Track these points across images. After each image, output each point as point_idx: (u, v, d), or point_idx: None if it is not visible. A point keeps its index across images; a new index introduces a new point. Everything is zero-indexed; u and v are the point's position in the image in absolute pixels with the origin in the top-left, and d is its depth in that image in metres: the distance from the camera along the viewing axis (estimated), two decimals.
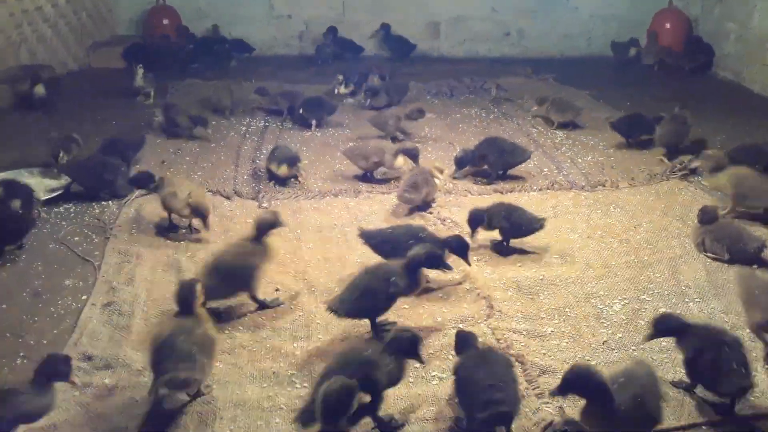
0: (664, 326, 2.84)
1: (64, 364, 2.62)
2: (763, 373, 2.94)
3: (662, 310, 3.40)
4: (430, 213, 4.47)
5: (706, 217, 3.97)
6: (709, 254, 3.89)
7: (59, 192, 4.69)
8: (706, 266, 3.80)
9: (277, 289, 3.61)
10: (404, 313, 3.40)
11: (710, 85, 7.87)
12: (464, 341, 2.78)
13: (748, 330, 3.13)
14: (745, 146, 5.02)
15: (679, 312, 3.36)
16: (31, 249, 4.04)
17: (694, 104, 6.81)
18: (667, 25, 8.60)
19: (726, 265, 3.79)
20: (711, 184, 4.61)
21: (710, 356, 2.68)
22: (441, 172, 4.71)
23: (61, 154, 5.02)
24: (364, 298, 3.07)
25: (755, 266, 3.76)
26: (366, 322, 3.20)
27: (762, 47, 7.33)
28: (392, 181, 4.93)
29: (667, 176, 5.03)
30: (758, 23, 7.47)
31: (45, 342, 3.19)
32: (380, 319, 3.20)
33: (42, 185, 4.84)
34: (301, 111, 6.19)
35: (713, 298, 3.52)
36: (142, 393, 2.82)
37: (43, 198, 4.60)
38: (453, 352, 3.05)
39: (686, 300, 3.50)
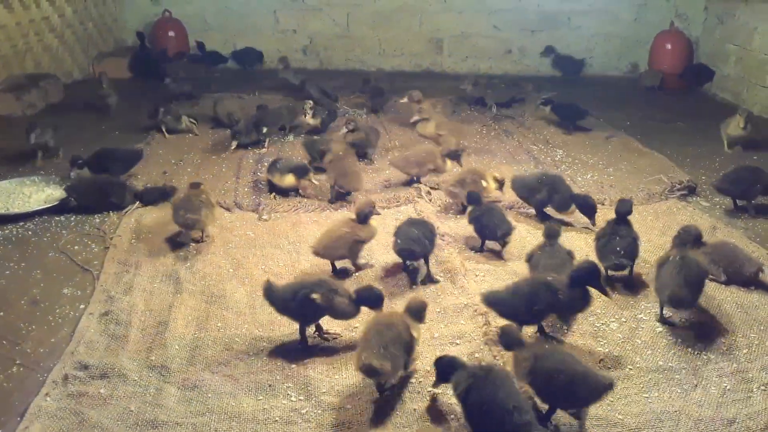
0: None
1: None
2: None
3: (659, 329, 3.41)
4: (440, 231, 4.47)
5: (690, 237, 3.75)
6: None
7: (57, 202, 4.69)
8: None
9: None
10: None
11: (710, 105, 7.91)
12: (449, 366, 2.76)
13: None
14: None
15: (675, 332, 3.38)
16: (30, 257, 4.06)
17: (694, 125, 6.87)
18: (668, 46, 8.66)
19: (722, 285, 3.80)
20: None
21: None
22: (497, 181, 4.76)
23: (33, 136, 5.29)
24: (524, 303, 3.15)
25: (752, 288, 3.77)
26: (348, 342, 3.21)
27: (762, 69, 7.38)
28: (391, 198, 4.95)
29: (666, 196, 5.05)
30: (758, 45, 7.52)
31: (42, 350, 3.19)
32: None
33: (43, 194, 4.87)
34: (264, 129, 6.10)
35: (709, 317, 3.51)
36: (138, 403, 2.83)
37: (42, 207, 4.63)
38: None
39: (683, 319, 3.50)
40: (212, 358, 3.14)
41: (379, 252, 4.12)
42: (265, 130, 6.03)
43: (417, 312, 3.07)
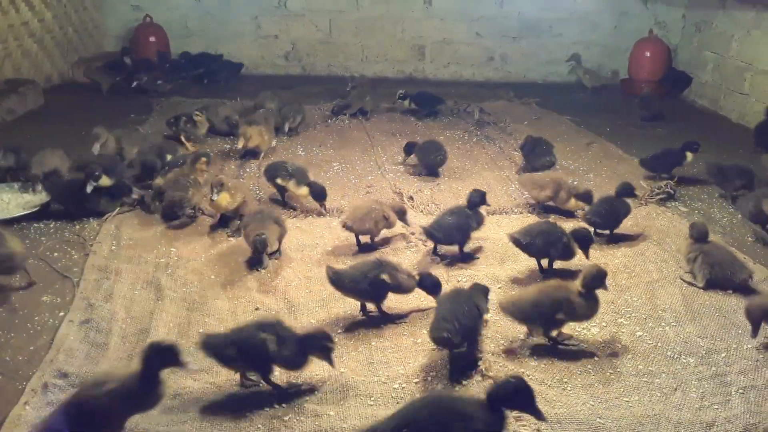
0: None
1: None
2: None
3: (639, 333, 3.44)
4: (412, 234, 4.49)
5: (699, 234, 4.02)
6: (686, 274, 3.97)
7: (36, 208, 4.64)
8: (682, 291, 3.85)
9: (257, 308, 3.61)
10: (385, 333, 3.41)
11: (688, 112, 8.01)
12: None
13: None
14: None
15: (655, 336, 3.42)
16: None
17: (673, 131, 6.95)
18: (647, 54, 8.76)
19: (701, 290, 3.85)
20: None
21: None
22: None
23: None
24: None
25: (730, 291, 3.82)
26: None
27: (739, 76, 7.50)
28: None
29: (646, 201, 5.10)
30: (735, 53, 7.64)
31: (21, 358, 3.15)
32: None
33: (21, 200, 4.81)
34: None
35: (689, 322, 3.56)
36: None
37: (20, 213, 4.58)
38: (433, 374, 3.07)
39: (662, 324, 3.54)
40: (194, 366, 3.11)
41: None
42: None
43: (484, 291, 3.38)
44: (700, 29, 8.53)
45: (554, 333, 3.33)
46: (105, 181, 4.65)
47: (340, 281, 3.45)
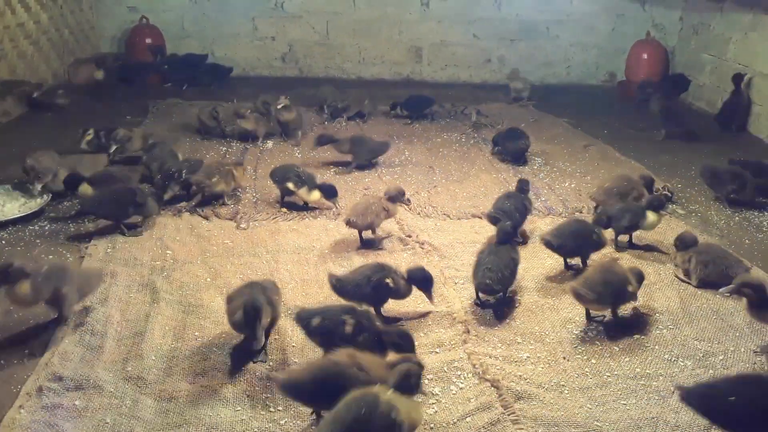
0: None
1: None
2: None
3: (636, 336, 3.44)
4: (409, 236, 4.49)
5: (686, 244, 4.04)
6: (679, 270, 3.98)
7: (34, 210, 4.63)
8: (679, 293, 3.84)
9: None
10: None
11: (685, 114, 8.00)
12: None
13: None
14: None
15: (653, 338, 3.41)
16: None
17: (670, 135, 6.95)
18: (645, 56, 8.77)
19: (698, 292, 3.84)
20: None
21: None
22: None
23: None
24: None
25: (727, 294, 3.80)
26: None
27: None
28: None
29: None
30: (733, 56, 7.65)
31: (15, 362, 3.13)
32: None
33: (17, 203, 4.79)
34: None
35: (686, 324, 3.55)
36: (114, 415, 2.78)
37: (18, 215, 4.56)
38: (429, 377, 3.06)
39: (660, 327, 3.53)
40: (190, 369, 3.10)
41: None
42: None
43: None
44: (698, 31, 8.54)
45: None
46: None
47: (342, 288, 3.45)
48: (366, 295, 3.44)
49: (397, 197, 4.48)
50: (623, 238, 4.44)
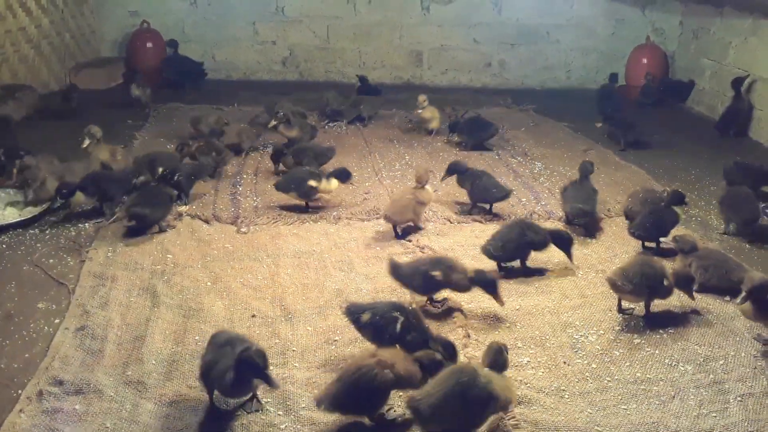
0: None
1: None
2: None
3: (637, 341, 3.44)
4: (409, 241, 4.49)
5: (687, 246, 4.02)
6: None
7: (34, 214, 4.63)
8: (679, 298, 3.83)
9: (253, 315, 3.59)
10: None
11: (685, 119, 8.02)
12: None
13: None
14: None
15: (653, 343, 3.41)
16: (4, 270, 3.99)
17: (670, 138, 6.96)
18: (644, 61, 8.78)
19: (699, 296, 3.83)
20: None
21: None
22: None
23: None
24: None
25: (727, 298, 3.81)
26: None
27: None
28: (371, 210, 4.94)
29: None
30: (733, 60, 7.66)
31: (16, 366, 3.14)
32: None
33: (17, 207, 4.79)
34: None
35: (686, 329, 3.55)
36: (114, 420, 2.79)
37: (18, 219, 4.56)
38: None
39: (660, 331, 3.53)
40: (190, 373, 3.10)
41: None
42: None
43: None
44: (698, 36, 8.55)
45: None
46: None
47: (398, 273, 3.62)
48: (416, 284, 3.60)
49: (423, 177, 4.61)
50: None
